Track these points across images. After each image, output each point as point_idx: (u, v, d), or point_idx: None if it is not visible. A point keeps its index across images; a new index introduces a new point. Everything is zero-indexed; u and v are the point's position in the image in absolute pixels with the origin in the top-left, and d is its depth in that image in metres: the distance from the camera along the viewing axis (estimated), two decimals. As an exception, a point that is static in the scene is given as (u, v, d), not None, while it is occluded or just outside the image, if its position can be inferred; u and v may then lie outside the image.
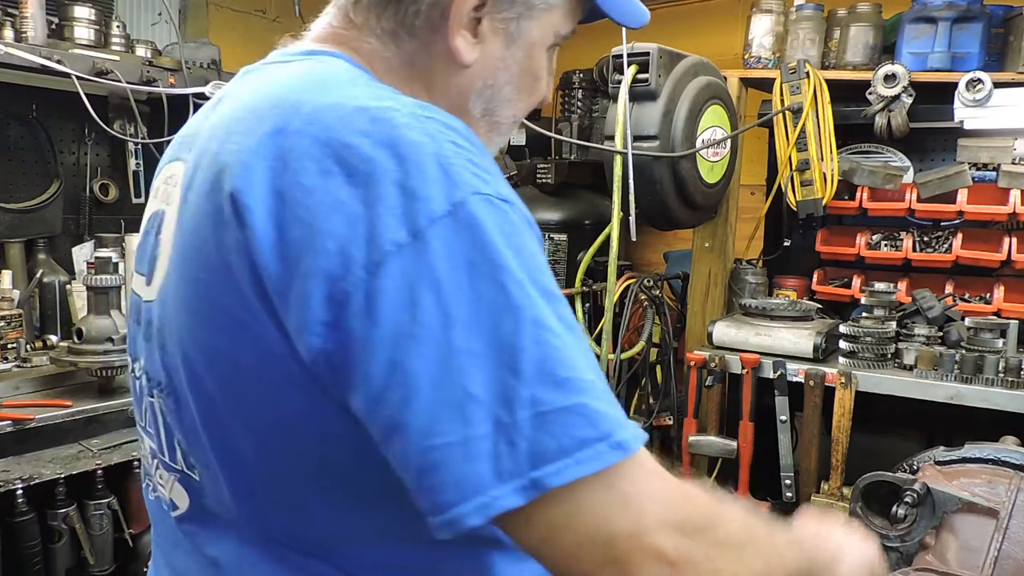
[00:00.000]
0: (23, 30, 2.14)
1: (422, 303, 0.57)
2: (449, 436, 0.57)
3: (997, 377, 1.97)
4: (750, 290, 2.62)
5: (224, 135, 0.68)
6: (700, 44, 2.97)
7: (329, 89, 0.67)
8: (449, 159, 0.61)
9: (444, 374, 0.57)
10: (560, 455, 0.57)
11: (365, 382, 0.58)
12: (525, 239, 0.63)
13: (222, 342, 0.65)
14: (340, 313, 0.58)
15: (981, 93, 2.20)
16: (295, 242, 0.60)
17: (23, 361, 2.12)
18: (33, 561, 1.80)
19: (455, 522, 0.57)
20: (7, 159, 2.42)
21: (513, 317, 0.58)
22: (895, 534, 1.52)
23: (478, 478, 0.57)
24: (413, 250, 0.58)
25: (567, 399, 0.58)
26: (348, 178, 0.60)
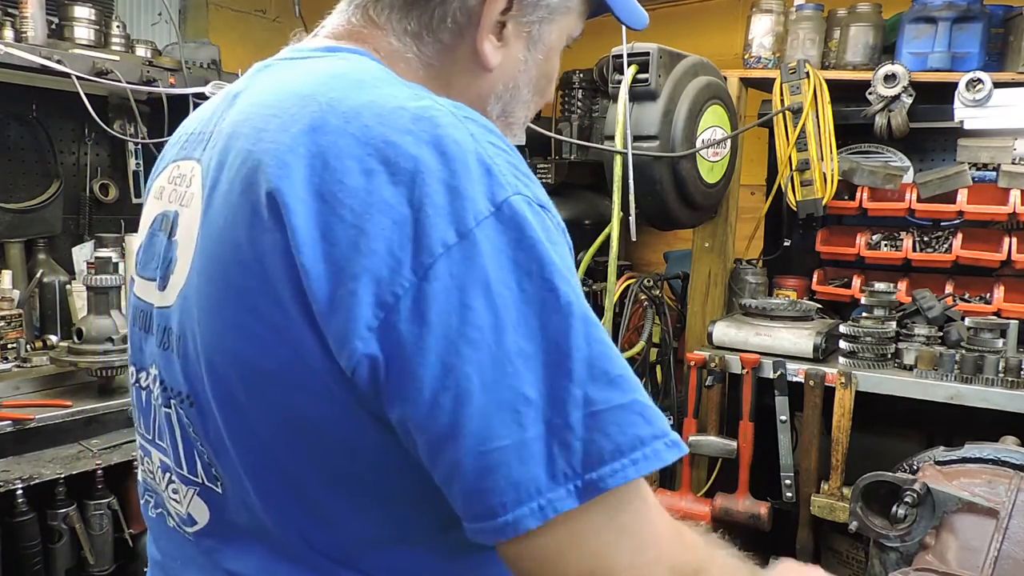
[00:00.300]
0: (23, 30, 2.14)
1: (472, 305, 0.56)
2: (504, 440, 0.56)
3: (997, 377, 1.97)
4: (750, 290, 2.62)
5: (253, 132, 0.65)
6: (700, 44, 2.97)
7: (364, 87, 0.65)
8: (493, 159, 0.60)
9: (497, 377, 0.56)
10: (617, 455, 0.56)
11: (416, 387, 0.57)
12: (561, 246, 0.62)
13: (253, 348, 0.63)
14: (389, 317, 0.57)
15: (981, 93, 2.20)
16: (340, 243, 0.58)
17: (23, 361, 2.12)
18: (33, 561, 1.80)
19: (512, 525, 0.56)
20: (7, 159, 2.42)
21: (561, 316, 0.58)
22: (895, 534, 1.52)
23: (534, 481, 0.56)
24: (461, 251, 0.57)
25: (622, 397, 0.58)
26: (392, 177, 0.58)
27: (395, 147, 0.59)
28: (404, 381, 0.57)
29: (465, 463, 0.57)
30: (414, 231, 0.57)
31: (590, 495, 0.56)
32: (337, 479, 0.66)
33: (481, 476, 0.56)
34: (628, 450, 0.57)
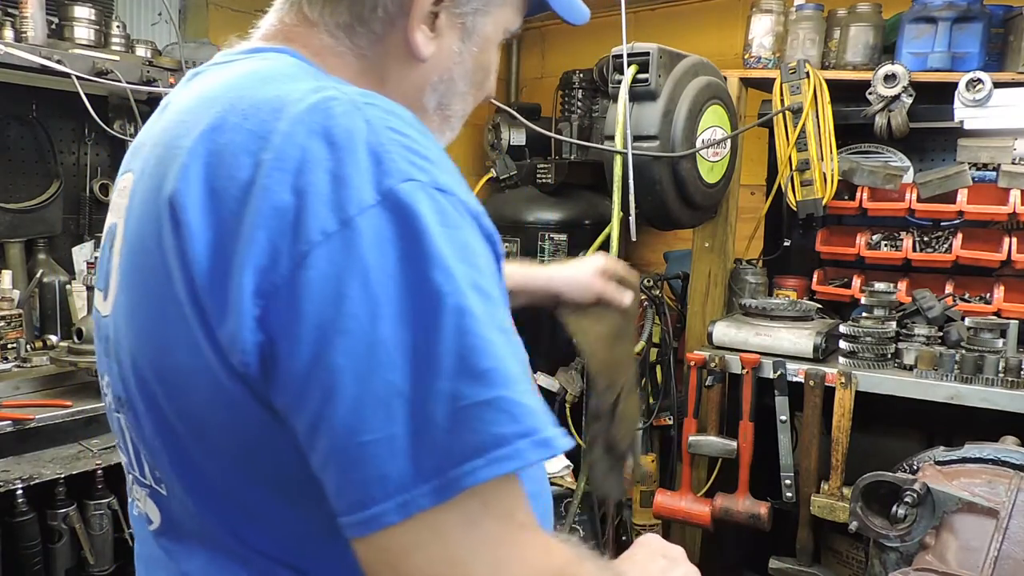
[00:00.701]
0: (23, 30, 2.14)
1: (349, 294, 0.56)
2: (375, 433, 0.55)
3: (997, 377, 1.97)
4: (750, 290, 2.62)
5: (168, 140, 0.67)
6: (700, 44, 2.97)
7: (269, 83, 0.66)
8: (385, 146, 0.60)
9: (371, 368, 0.55)
10: (478, 453, 0.55)
11: (290, 377, 0.57)
12: (461, 231, 0.61)
13: (166, 353, 0.64)
14: (270, 306, 0.57)
15: (981, 93, 2.20)
16: (227, 236, 0.58)
17: (23, 361, 2.12)
18: (33, 561, 1.80)
19: (374, 520, 0.55)
20: (7, 159, 2.42)
21: (436, 307, 0.56)
22: (895, 534, 1.52)
23: (401, 476, 0.55)
24: (341, 239, 0.56)
25: (488, 392, 0.56)
26: (278, 167, 0.59)
27: (286, 138, 0.59)
28: (280, 371, 0.57)
29: (335, 455, 0.56)
30: (295, 220, 0.57)
31: (449, 494, 0.55)
32: (260, 478, 0.66)
33: (350, 468, 0.56)
34: (487, 448, 0.55)
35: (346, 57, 0.76)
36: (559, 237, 3.04)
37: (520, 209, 3.11)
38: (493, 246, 0.65)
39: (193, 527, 0.72)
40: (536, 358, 3.10)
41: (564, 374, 2.97)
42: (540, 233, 3.04)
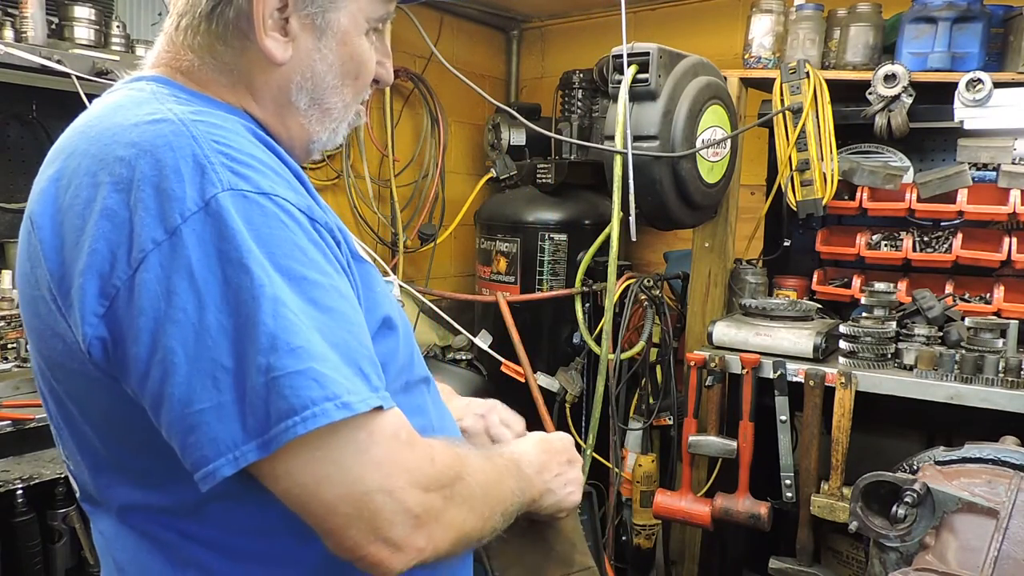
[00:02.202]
0: (23, 30, 2.14)
1: (177, 290, 0.67)
2: (204, 403, 0.67)
3: (997, 377, 1.97)
4: (750, 290, 2.62)
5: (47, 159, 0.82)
6: (700, 44, 2.97)
7: (119, 111, 0.77)
8: (208, 158, 0.70)
9: (199, 350, 0.67)
10: (290, 414, 0.67)
11: (134, 363, 0.69)
12: (278, 228, 0.71)
13: (47, 344, 0.77)
14: (111, 305, 0.69)
15: (981, 93, 2.20)
16: (70, 247, 0.71)
17: (23, 361, 2.12)
18: (33, 561, 1.80)
19: (212, 474, 0.67)
20: (7, 159, 2.42)
21: (254, 296, 0.67)
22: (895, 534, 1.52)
23: (229, 436, 0.67)
24: (169, 245, 0.68)
25: (298, 364, 0.67)
26: (114, 186, 0.70)
27: (120, 160, 0.71)
28: (125, 358, 0.69)
29: (175, 424, 0.68)
30: (129, 231, 0.68)
31: (274, 447, 0.67)
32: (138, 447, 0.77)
33: (187, 433, 0.68)
34: (300, 409, 0.67)
35: (213, 74, 0.85)
36: (559, 237, 3.04)
37: (520, 209, 3.11)
38: (331, 233, 0.77)
39: (97, 495, 0.85)
40: (536, 358, 3.12)
41: (564, 374, 2.98)
42: (540, 233, 3.04)
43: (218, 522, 0.79)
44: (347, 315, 0.73)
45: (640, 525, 2.82)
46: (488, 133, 3.62)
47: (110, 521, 0.84)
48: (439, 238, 3.39)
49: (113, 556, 0.85)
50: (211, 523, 0.79)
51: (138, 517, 0.81)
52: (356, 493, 0.70)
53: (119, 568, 0.85)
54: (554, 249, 3.04)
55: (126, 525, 0.82)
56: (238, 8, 0.81)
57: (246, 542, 0.80)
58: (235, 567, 0.80)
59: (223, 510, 0.78)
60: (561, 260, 3.05)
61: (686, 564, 2.65)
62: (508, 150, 3.49)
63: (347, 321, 0.73)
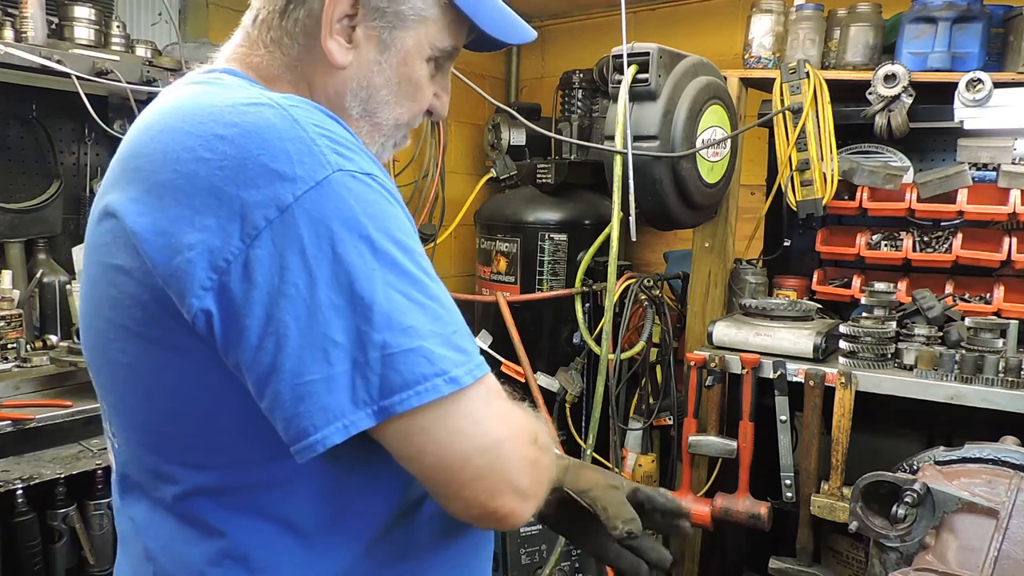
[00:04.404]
0: (23, 30, 2.14)
1: (290, 267, 0.69)
2: (315, 374, 0.69)
3: (997, 377, 1.97)
4: (750, 290, 2.62)
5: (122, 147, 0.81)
6: (700, 44, 2.97)
7: (207, 95, 0.78)
8: (314, 140, 0.72)
9: (310, 324, 0.69)
10: (404, 387, 0.70)
11: (246, 335, 0.70)
12: (384, 205, 0.74)
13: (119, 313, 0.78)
14: (222, 279, 0.70)
15: (981, 93, 2.20)
16: (173, 220, 0.71)
17: (23, 361, 2.12)
18: (33, 561, 1.80)
19: (321, 442, 0.70)
20: (7, 159, 2.42)
21: (367, 276, 0.70)
22: (895, 534, 1.52)
23: (338, 406, 0.70)
24: (281, 223, 0.69)
25: (410, 343, 0.71)
26: (219, 163, 0.70)
27: (221, 139, 0.71)
28: (236, 330, 0.70)
29: (284, 394, 0.70)
30: (239, 208, 0.69)
31: (384, 416, 0.70)
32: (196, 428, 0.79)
33: (296, 403, 0.70)
34: (413, 384, 0.70)
35: (280, 70, 0.89)
36: (559, 237, 3.04)
37: (520, 209, 3.11)
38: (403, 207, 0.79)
39: (137, 477, 0.86)
40: (536, 358, 3.11)
41: (564, 374, 2.98)
42: (540, 233, 3.04)
43: (263, 509, 0.80)
44: (441, 294, 0.76)
45: (640, 525, 2.81)
46: (488, 133, 3.62)
47: (144, 506, 0.85)
48: (439, 238, 3.39)
49: (144, 543, 0.85)
50: (256, 510, 0.80)
51: (182, 500, 0.82)
52: (488, 443, 0.74)
53: (149, 556, 0.85)
54: (554, 249, 3.04)
55: (165, 510, 0.83)
56: (310, 8, 0.85)
57: (287, 532, 0.81)
58: (272, 556, 0.81)
59: (273, 498, 0.80)
60: (561, 260, 3.05)
61: (686, 564, 2.65)
62: (508, 150, 3.49)
63: (442, 299, 0.75)
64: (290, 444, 0.71)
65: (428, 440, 0.72)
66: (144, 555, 0.85)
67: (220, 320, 0.70)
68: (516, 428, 0.77)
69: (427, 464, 0.73)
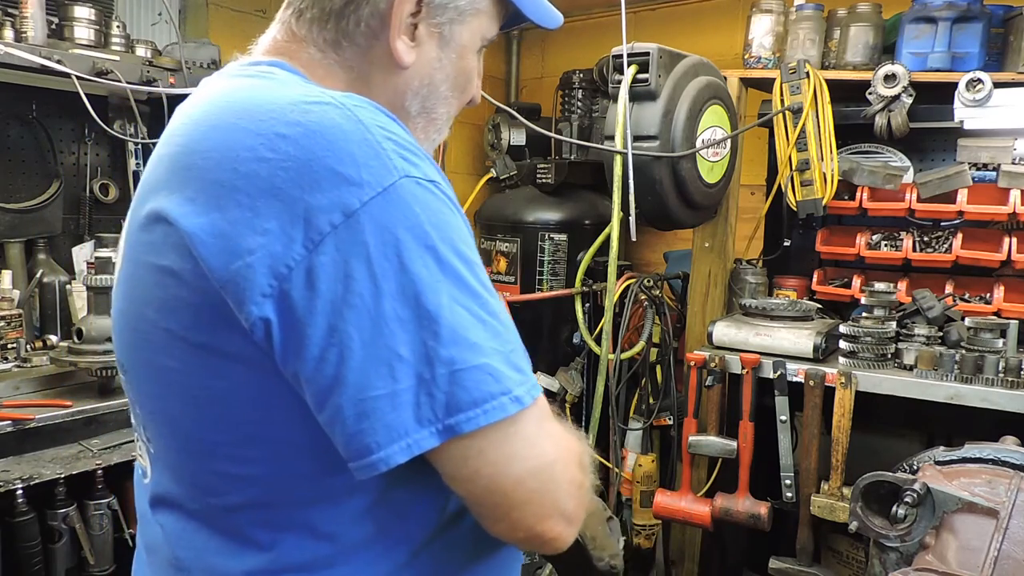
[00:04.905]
0: (23, 30, 2.14)
1: (355, 275, 0.66)
2: (379, 390, 0.66)
3: (997, 377, 1.97)
4: (750, 290, 2.62)
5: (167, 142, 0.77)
6: (700, 44, 2.97)
7: (263, 90, 0.74)
8: (381, 144, 0.69)
9: (375, 337, 0.66)
10: (471, 405, 0.67)
11: (307, 345, 0.66)
12: (449, 216, 0.71)
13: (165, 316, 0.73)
14: (283, 286, 0.66)
15: (981, 93, 2.20)
16: (233, 221, 0.67)
17: (23, 361, 2.12)
18: (33, 561, 1.80)
19: (384, 460, 0.67)
20: (7, 159, 2.42)
21: (433, 289, 0.67)
22: (895, 534, 1.52)
23: (402, 424, 0.67)
24: (346, 229, 0.66)
25: (477, 359, 0.68)
26: (281, 164, 0.67)
27: (283, 138, 0.67)
28: (296, 340, 0.67)
29: (346, 409, 0.67)
30: (303, 212, 0.66)
31: (448, 435, 0.67)
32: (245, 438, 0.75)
33: (359, 419, 0.67)
34: (480, 402, 0.68)
35: (333, 69, 0.85)
36: (559, 237, 3.04)
37: (520, 209, 3.11)
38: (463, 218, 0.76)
39: (171, 487, 0.83)
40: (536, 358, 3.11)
41: (564, 374, 2.98)
42: (540, 233, 3.04)
43: (308, 524, 0.77)
44: (499, 309, 0.73)
45: (640, 525, 2.82)
46: (488, 133, 3.62)
47: (180, 515, 0.82)
48: (439, 238, 3.39)
49: (176, 552, 0.82)
50: (301, 524, 0.77)
51: (222, 511, 0.78)
52: (541, 465, 0.71)
53: (181, 566, 0.82)
54: (554, 249, 3.04)
55: (203, 520, 0.80)
56: (374, 7, 0.82)
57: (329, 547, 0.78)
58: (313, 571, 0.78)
59: (319, 513, 0.77)
60: (561, 260, 3.05)
61: (686, 564, 2.65)
62: (508, 150, 3.49)
63: (500, 315, 0.73)
64: (350, 460, 0.68)
65: (484, 462, 0.69)
66: (175, 565, 0.82)
67: (280, 329, 0.67)
68: (565, 450, 0.75)
69: (479, 486, 0.71)
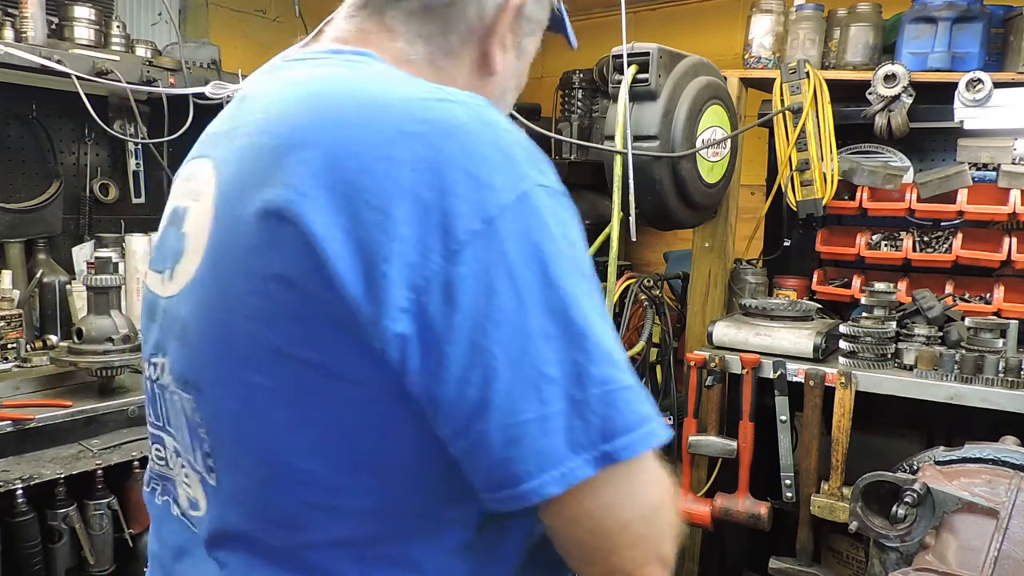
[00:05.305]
0: (23, 30, 2.14)
1: (498, 288, 0.60)
2: (528, 413, 0.60)
3: (997, 377, 1.97)
4: (750, 290, 2.62)
5: (265, 129, 0.68)
6: (700, 44, 2.97)
7: (375, 82, 0.69)
8: (512, 149, 0.64)
9: (521, 355, 0.60)
10: (626, 430, 0.62)
11: (447, 365, 0.60)
12: (575, 229, 0.67)
13: (267, 329, 0.64)
14: (420, 299, 0.60)
15: (981, 93, 2.20)
16: (368, 230, 0.60)
17: (23, 361, 2.12)
18: (33, 561, 1.80)
19: (537, 490, 0.61)
20: (7, 159, 2.42)
21: (579, 302, 0.63)
22: (895, 534, 1.52)
23: (554, 450, 0.61)
24: (486, 237, 0.60)
25: (628, 379, 0.64)
26: (413, 165, 0.61)
27: (412, 136, 0.62)
28: (435, 359, 0.60)
29: (493, 435, 0.61)
30: (441, 218, 0.60)
31: (604, 463, 0.61)
32: (349, 467, 0.67)
33: (507, 447, 0.60)
34: (637, 425, 0.63)
35: (419, 66, 0.80)
36: (559, 237, 3.04)
37: (520, 209, 3.11)
38: None
39: (241, 521, 0.72)
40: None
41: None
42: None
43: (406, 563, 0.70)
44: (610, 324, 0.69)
45: (640, 525, 2.81)
46: (488, 133, 3.61)
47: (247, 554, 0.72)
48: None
49: None
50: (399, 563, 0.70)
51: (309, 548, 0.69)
52: (649, 510, 0.67)
53: None
54: (554, 249, 3.04)
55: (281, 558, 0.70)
56: (480, 10, 0.79)
57: None
58: None
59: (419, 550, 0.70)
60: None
61: (686, 564, 2.65)
62: (508, 150, 3.48)
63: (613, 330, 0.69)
64: (491, 490, 0.62)
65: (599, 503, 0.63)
66: None
67: (417, 347, 0.60)
68: (668, 492, 0.69)
69: (584, 528, 0.64)
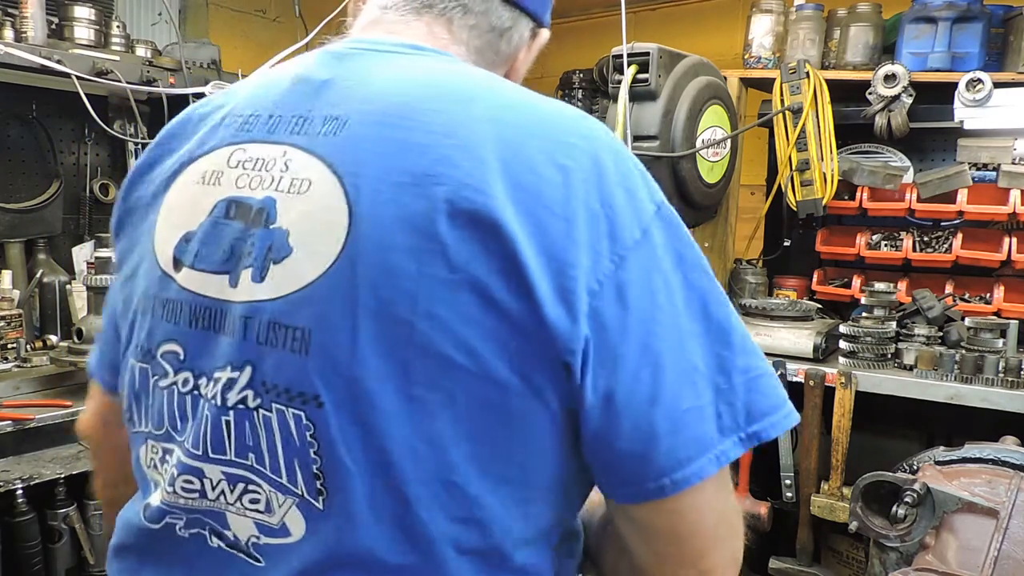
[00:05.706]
0: (23, 30, 2.14)
1: (656, 292, 0.66)
2: (688, 403, 0.66)
3: (997, 377, 1.97)
4: (750, 290, 2.62)
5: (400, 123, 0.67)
6: (700, 44, 2.97)
7: (511, 89, 0.73)
8: (639, 168, 0.70)
9: (679, 352, 0.67)
10: (769, 412, 0.69)
11: (622, 364, 0.65)
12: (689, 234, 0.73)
13: (457, 350, 0.63)
14: (594, 302, 0.64)
15: (981, 93, 2.20)
16: (553, 235, 0.63)
17: (23, 361, 2.12)
18: (33, 561, 1.80)
19: (698, 472, 0.66)
20: (7, 159, 2.42)
21: (716, 300, 0.69)
22: (895, 534, 1.52)
23: (707, 435, 0.67)
24: (645, 246, 0.66)
25: (766, 366, 0.70)
26: (581, 175, 0.66)
27: (574, 147, 0.67)
28: (611, 359, 0.65)
29: (660, 424, 0.66)
30: (608, 227, 0.65)
31: (752, 443, 0.68)
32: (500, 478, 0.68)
33: (673, 434, 0.66)
34: (777, 407, 0.69)
35: None
36: (559, 237, 3.04)
37: (520, 209, 3.11)
38: None
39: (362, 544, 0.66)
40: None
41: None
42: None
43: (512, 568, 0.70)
44: None
45: (640, 525, 2.81)
46: (488, 133, 3.61)
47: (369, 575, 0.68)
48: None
49: None
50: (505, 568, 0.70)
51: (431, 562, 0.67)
52: (730, 512, 0.71)
53: None
54: (554, 249, 3.04)
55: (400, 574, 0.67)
56: (520, 36, 0.86)
57: None
58: None
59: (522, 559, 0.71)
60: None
61: (686, 564, 2.65)
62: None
63: None
64: (656, 478, 0.66)
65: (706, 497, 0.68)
66: None
67: (595, 348, 0.64)
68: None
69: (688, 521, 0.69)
